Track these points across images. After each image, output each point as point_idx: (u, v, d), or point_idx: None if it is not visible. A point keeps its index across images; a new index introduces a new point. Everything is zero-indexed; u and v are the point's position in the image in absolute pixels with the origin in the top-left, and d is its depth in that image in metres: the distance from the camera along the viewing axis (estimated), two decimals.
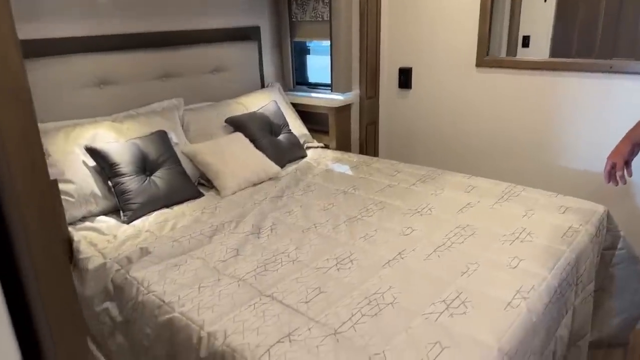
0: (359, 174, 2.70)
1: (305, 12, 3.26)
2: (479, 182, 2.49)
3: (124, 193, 2.16)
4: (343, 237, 1.93)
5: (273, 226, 2.04)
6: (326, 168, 2.82)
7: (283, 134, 2.95)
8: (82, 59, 2.39)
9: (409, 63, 3.21)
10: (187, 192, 2.38)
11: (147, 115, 2.56)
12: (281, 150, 2.86)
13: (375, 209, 2.20)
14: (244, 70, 3.20)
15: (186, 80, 2.88)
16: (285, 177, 2.65)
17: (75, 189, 2.10)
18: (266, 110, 2.95)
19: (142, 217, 2.18)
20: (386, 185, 2.49)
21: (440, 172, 2.66)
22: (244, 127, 2.78)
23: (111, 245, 1.90)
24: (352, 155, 3.06)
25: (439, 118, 3.19)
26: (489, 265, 1.69)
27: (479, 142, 3.06)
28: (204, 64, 2.95)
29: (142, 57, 2.64)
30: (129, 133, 2.40)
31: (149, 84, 2.70)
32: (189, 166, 2.54)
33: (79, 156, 2.19)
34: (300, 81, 3.54)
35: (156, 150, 2.35)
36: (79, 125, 2.31)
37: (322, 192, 2.43)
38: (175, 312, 1.49)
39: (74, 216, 2.10)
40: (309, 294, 1.53)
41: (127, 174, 2.20)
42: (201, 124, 2.76)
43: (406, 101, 3.29)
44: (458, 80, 3.04)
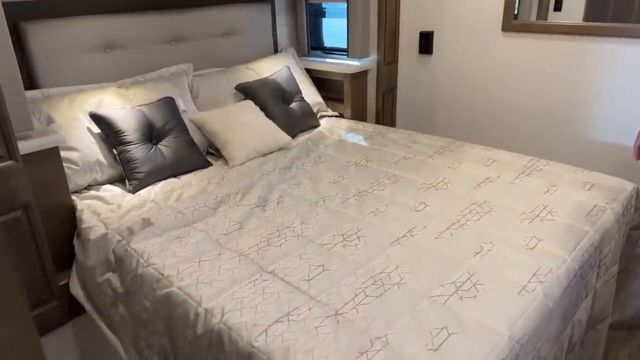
0: (373, 145, 2.58)
1: None
2: (500, 155, 2.35)
3: (129, 162, 2.11)
4: (352, 211, 1.84)
5: (280, 199, 1.97)
6: (339, 138, 2.71)
7: (295, 102, 2.84)
8: (87, 21, 2.30)
9: (430, 27, 3.02)
10: (195, 161, 2.32)
11: (155, 81, 2.48)
12: (293, 120, 2.76)
13: (387, 182, 2.10)
14: (257, 34, 3.07)
15: (196, 44, 2.77)
16: (296, 147, 2.56)
17: (79, 156, 2.06)
18: (278, 76, 2.83)
19: (148, 186, 2.13)
20: (401, 158, 2.38)
21: (460, 144, 2.53)
22: (255, 95, 2.68)
23: (114, 215, 1.86)
24: (367, 125, 2.94)
25: (461, 86, 3.02)
26: (505, 245, 1.59)
27: (502, 112, 2.90)
28: (214, 27, 2.83)
29: (150, 20, 2.54)
30: (135, 100, 2.33)
31: (157, 48, 2.61)
32: (197, 134, 2.47)
33: (83, 123, 2.14)
34: (315, 46, 3.39)
35: (163, 117, 2.28)
36: (83, 91, 2.25)
37: (333, 163, 2.34)
38: (173, 286, 1.44)
39: (79, 184, 2.07)
40: (311, 271, 1.47)
41: (133, 142, 2.14)
42: (210, 90, 2.67)
43: (426, 67, 3.12)
44: (483, 45, 2.85)
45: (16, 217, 1.65)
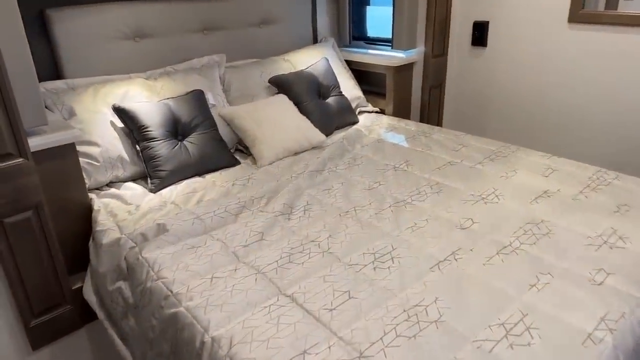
0: (416, 146, 2.35)
1: None
2: (560, 164, 2.07)
3: (152, 159, 1.99)
4: (386, 225, 1.64)
5: (307, 206, 1.78)
6: (378, 137, 2.49)
7: (332, 96, 2.64)
8: (116, 8, 2.19)
9: (485, 16, 2.73)
10: (221, 159, 2.17)
11: (185, 73, 2.35)
12: (329, 115, 2.56)
13: (429, 191, 1.87)
14: (295, 23, 2.88)
15: (230, 34, 2.62)
16: (330, 146, 2.37)
17: (100, 152, 1.95)
18: (315, 69, 2.64)
19: (170, 185, 2.01)
20: (446, 163, 2.14)
21: (515, 148, 2.25)
22: (289, 88, 2.50)
23: (130, 218, 1.74)
24: (410, 123, 2.70)
25: (519, 83, 2.72)
26: (566, 278, 1.34)
27: (565, 114, 2.58)
28: (250, 15, 2.67)
29: (182, 7, 2.40)
30: (162, 92, 2.21)
31: (189, 37, 2.47)
32: (227, 130, 2.32)
33: (106, 116, 2.03)
34: (357, 36, 3.17)
35: (190, 112, 2.14)
36: (110, 82, 2.14)
37: (369, 166, 2.13)
38: (181, 306, 1.30)
39: (99, 181, 1.97)
40: (335, 298, 1.28)
41: (157, 137, 2.01)
42: (243, 83, 2.51)
43: (480, 61, 2.83)
44: (545, 37, 2.54)
45: (26, 218, 1.55)
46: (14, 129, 1.45)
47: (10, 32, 1.46)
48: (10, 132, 1.45)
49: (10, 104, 1.42)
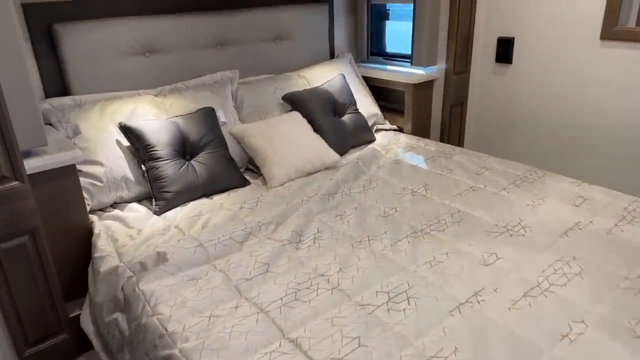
0: (435, 168, 2.22)
1: None
2: (592, 192, 1.92)
3: (157, 179, 1.91)
4: (403, 259, 1.51)
5: (317, 234, 1.67)
6: (395, 158, 2.37)
7: (348, 114, 2.54)
8: (126, 23, 2.13)
9: (510, 32, 2.60)
10: (231, 180, 2.08)
11: (196, 89, 2.28)
12: (344, 134, 2.45)
13: (449, 220, 1.74)
14: (312, 38, 2.80)
15: (244, 49, 2.54)
16: (344, 167, 2.26)
17: (104, 172, 1.88)
18: (331, 85, 2.54)
19: (175, 207, 1.92)
20: (468, 188, 2.01)
21: (542, 173, 2.11)
22: (303, 106, 2.41)
23: (131, 243, 1.66)
24: (429, 142, 2.58)
25: (546, 102, 2.57)
26: (601, 329, 1.19)
27: (597, 136, 2.42)
28: (265, 30, 2.59)
29: (195, 22, 2.33)
30: (172, 109, 2.14)
31: (202, 53, 2.40)
32: (237, 149, 2.24)
33: (112, 134, 1.96)
34: (376, 51, 3.06)
35: (199, 130, 2.06)
36: (118, 99, 2.08)
37: (386, 190, 2.01)
38: (175, 348, 1.19)
39: (103, 202, 1.90)
40: (344, 345, 1.16)
41: (163, 157, 1.93)
42: (256, 100, 2.43)
43: (504, 79, 2.69)
44: (574, 55, 2.39)
45: (21, 243, 1.48)
46: (9, 151, 1.38)
47: (8, 49, 1.40)
48: (5, 155, 1.38)
49: (5, 125, 1.36)
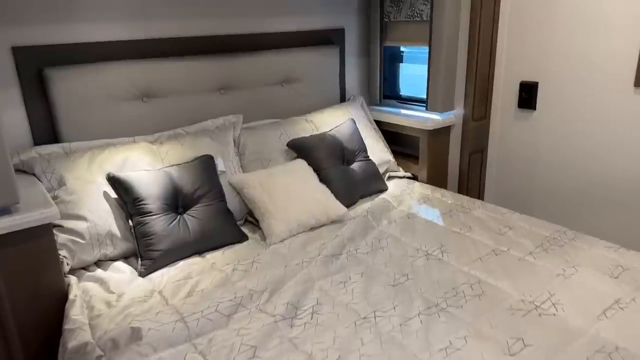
0: (453, 225, 2.02)
1: (400, 10, 2.63)
2: (632, 259, 1.68)
3: (145, 236, 1.75)
4: (414, 343, 1.30)
5: (316, 306, 1.47)
6: (408, 211, 2.17)
7: (358, 161, 2.37)
8: (123, 66, 2.02)
9: (534, 76, 2.42)
10: (226, 235, 1.91)
11: (195, 135, 2.14)
12: (352, 183, 2.27)
13: (469, 293, 1.52)
14: (321, 81, 2.66)
15: (249, 93, 2.42)
16: (352, 221, 2.07)
17: (88, 227, 1.73)
18: (339, 131, 2.38)
19: (163, 267, 1.75)
20: (490, 251, 1.79)
21: (572, 235, 1.88)
22: (308, 153, 2.25)
23: (107, 312, 1.48)
24: (446, 193, 2.37)
25: (573, 152, 2.36)
26: None
27: (631, 193, 2.19)
28: (272, 73, 2.46)
29: (197, 65, 2.22)
30: (167, 158, 2.00)
31: (204, 97, 2.28)
32: (237, 200, 2.07)
33: (100, 186, 1.82)
34: (389, 94, 2.91)
35: (194, 181, 1.91)
36: (110, 146, 1.95)
37: (397, 251, 1.81)
38: None
39: (85, 261, 1.73)
40: None
41: (153, 212, 1.78)
42: (259, 146, 2.28)
43: (527, 126, 2.50)
44: (605, 102, 2.19)
45: None
46: None
47: None
48: None
49: None
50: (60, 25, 1.89)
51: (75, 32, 1.93)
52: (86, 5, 1.93)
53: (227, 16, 2.32)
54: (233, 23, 2.35)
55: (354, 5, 2.77)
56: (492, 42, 2.47)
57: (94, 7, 1.95)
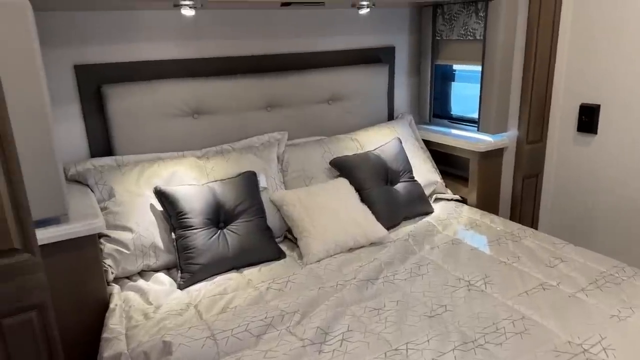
0: (500, 254, 1.91)
1: (452, 28, 2.56)
2: None
3: (186, 249, 1.79)
4: None
5: (347, 333, 1.43)
6: (453, 237, 2.09)
7: (402, 182, 2.31)
8: (175, 84, 2.11)
9: (595, 99, 2.27)
10: (264, 252, 1.92)
11: (240, 152, 2.18)
12: (396, 205, 2.22)
13: (510, 330, 1.43)
14: (369, 99, 2.64)
15: (296, 110, 2.44)
16: (392, 244, 2.02)
17: (133, 239, 1.80)
18: (384, 150, 2.34)
19: (202, 281, 1.78)
20: (538, 285, 1.68)
21: (632, 272, 1.72)
22: (350, 172, 2.22)
23: (144, 323, 1.52)
24: (496, 219, 2.26)
25: (637, 181, 2.18)
26: None
27: None
28: (319, 92, 2.47)
29: (245, 83, 2.27)
30: (212, 173, 2.05)
31: (252, 114, 2.32)
32: (277, 217, 2.09)
33: (147, 199, 1.89)
34: (439, 113, 2.84)
35: (236, 196, 1.94)
36: (159, 161, 2.03)
37: (436, 279, 1.74)
38: None
39: (129, 270, 1.80)
40: None
41: (194, 226, 1.82)
42: (302, 163, 2.29)
43: (587, 151, 2.34)
44: None
45: (27, 320, 1.39)
46: (22, 222, 1.32)
47: (33, 114, 1.37)
48: (17, 226, 1.31)
49: (20, 196, 1.30)
50: (118, 45, 2.01)
51: (131, 51, 2.04)
52: (143, 27, 2.04)
53: (276, 36, 2.36)
54: (282, 43, 2.39)
55: (405, 24, 2.73)
56: (550, 62, 2.35)
57: (150, 29, 2.05)
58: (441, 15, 2.61)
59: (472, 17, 2.44)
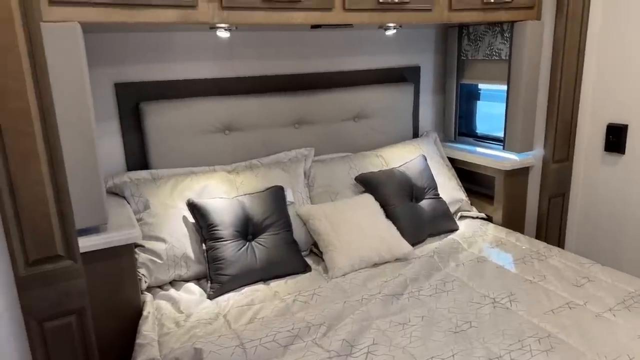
0: (526, 273, 1.91)
1: (478, 48, 2.60)
2: None
3: (216, 260, 1.85)
4: None
5: (372, 347, 1.46)
6: (479, 254, 2.10)
7: (427, 198, 2.34)
8: (208, 102, 2.20)
9: (623, 118, 2.26)
10: (290, 265, 1.97)
11: (268, 167, 2.25)
12: (420, 221, 2.24)
13: (536, 347, 1.43)
14: (394, 116, 2.69)
15: (322, 127, 2.50)
16: (417, 260, 2.03)
17: (166, 249, 1.87)
18: (409, 167, 2.38)
19: (230, 291, 1.84)
20: (564, 304, 1.67)
21: None
22: (376, 188, 2.26)
23: (175, 331, 1.58)
24: (522, 238, 2.25)
25: None
26: None
27: None
28: (345, 109, 2.53)
29: (275, 101, 2.35)
30: (242, 187, 2.12)
31: (280, 131, 2.40)
32: (303, 230, 2.13)
33: (180, 211, 1.97)
34: (464, 132, 2.86)
35: (264, 210, 2.00)
36: (192, 175, 2.11)
37: (462, 296, 1.75)
38: None
39: (161, 280, 1.87)
40: None
41: (224, 237, 1.89)
42: (328, 179, 2.34)
43: (615, 171, 2.32)
44: None
45: (67, 323, 1.47)
46: (66, 231, 1.40)
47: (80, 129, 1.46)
48: (62, 234, 1.40)
49: (65, 206, 1.39)
50: (156, 65, 2.11)
51: (168, 70, 2.14)
52: (179, 47, 2.14)
53: (305, 56, 2.44)
54: (310, 63, 2.47)
55: (431, 44, 2.79)
56: (576, 81, 2.35)
57: (187, 49, 2.16)
58: (467, 36, 2.66)
59: (498, 38, 2.47)
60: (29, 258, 1.39)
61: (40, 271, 1.40)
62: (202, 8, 1.64)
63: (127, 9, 1.52)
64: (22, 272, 1.38)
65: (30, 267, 1.39)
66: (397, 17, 2.04)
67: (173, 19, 1.60)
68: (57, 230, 1.40)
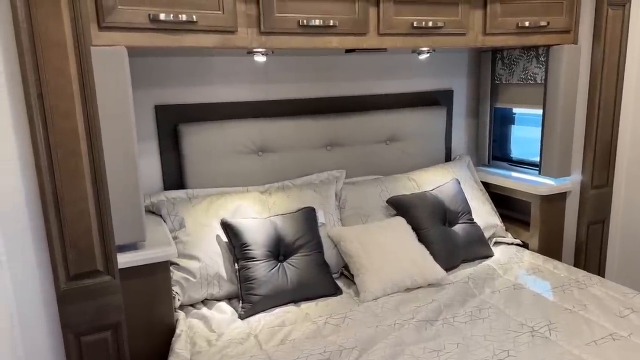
0: (565, 301, 1.84)
1: (512, 73, 2.58)
2: None
3: (247, 280, 1.86)
4: None
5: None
6: (515, 282, 2.04)
7: (461, 223, 2.30)
8: (244, 124, 2.25)
9: None
10: (321, 287, 1.96)
11: (300, 188, 2.27)
12: (454, 246, 2.20)
13: None
14: (426, 140, 2.68)
15: (354, 150, 2.51)
16: (451, 286, 1.99)
17: (199, 267, 1.90)
18: (441, 191, 2.35)
19: (261, 312, 1.83)
20: (607, 335, 1.60)
21: None
22: (408, 211, 2.24)
23: (207, 350, 1.59)
24: (560, 266, 2.18)
25: None
26: None
27: None
28: (377, 132, 2.54)
29: (308, 124, 2.38)
30: (274, 208, 2.14)
31: (313, 153, 2.42)
32: (334, 252, 2.13)
33: (214, 230, 2.00)
34: (498, 156, 2.82)
35: (296, 231, 2.01)
36: (226, 195, 2.15)
37: (498, 324, 1.69)
38: None
39: (194, 298, 1.89)
40: None
41: (256, 257, 1.90)
42: (359, 201, 2.33)
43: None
44: None
45: (103, 338, 1.50)
46: (106, 247, 1.44)
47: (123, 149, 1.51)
48: (102, 250, 1.44)
49: (106, 223, 1.43)
50: (194, 88, 2.18)
51: (206, 93, 2.21)
52: (217, 72, 2.21)
53: (338, 80, 2.48)
54: (343, 86, 2.50)
55: (464, 68, 2.78)
56: (615, 105, 2.30)
57: (223, 73, 2.23)
58: (500, 60, 2.65)
59: (533, 62, 2.45)
60: (70, 272, 1.43)
61: (80, 286, 1.44)
62: (242, 33, 1.70)
63: (171, 34, 1.59)
64: (63, 286, 1.42)
65: (71, 281, 1.43)
66: (431, 41, 2.05)
67: (214, 43, 1.66)
68: (98, 246, 1.44)
